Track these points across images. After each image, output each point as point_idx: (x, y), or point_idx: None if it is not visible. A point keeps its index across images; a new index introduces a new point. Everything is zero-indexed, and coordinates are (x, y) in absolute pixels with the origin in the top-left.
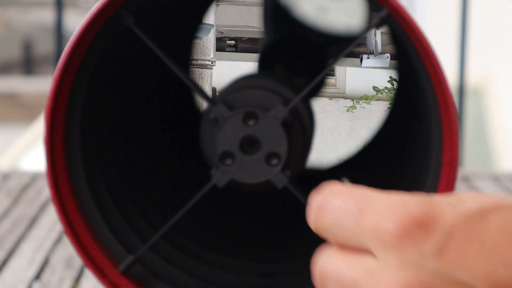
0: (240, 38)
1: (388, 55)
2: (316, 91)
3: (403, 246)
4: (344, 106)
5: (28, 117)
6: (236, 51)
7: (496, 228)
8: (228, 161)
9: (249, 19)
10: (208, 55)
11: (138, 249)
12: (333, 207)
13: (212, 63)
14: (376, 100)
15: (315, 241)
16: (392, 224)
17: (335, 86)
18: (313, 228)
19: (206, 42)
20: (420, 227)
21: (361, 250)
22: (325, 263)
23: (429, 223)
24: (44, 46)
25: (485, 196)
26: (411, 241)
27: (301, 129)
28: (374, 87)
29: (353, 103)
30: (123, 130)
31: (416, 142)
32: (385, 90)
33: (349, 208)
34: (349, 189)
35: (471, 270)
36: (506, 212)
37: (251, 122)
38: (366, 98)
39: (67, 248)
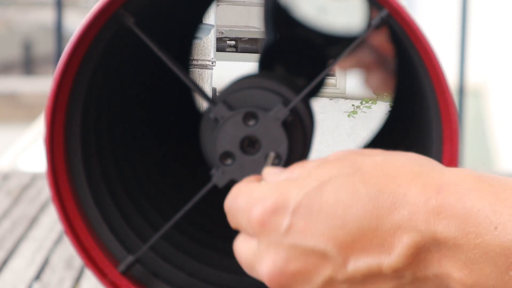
0: (240, 38)
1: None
2: (316, 91)
3: (266, 231)
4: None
5: (28, 117)
6: (237, 51)
7: (331, 197)
8: (229, 161)
9: (250, 19)
10: (209, 55)
11: (138, 249)
12: (231, 198)
13: (212, 63)
14: (376, 100)
15: None
16: (255, 216)
17: (335, 86)
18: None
19: (207, 42)
20: (274, 213)
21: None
22: (235, 245)
23: (280, 208)
24: (44, 46)
25: (330, 163)
26: (270, 226)
27: (302, 129)
28: None
29: (354, 107)
30: (123, 130)
31: (416, 142)
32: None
33: (239, 202)
34: (244, 183)
35: (315, 236)
36: (340, 180)
37: (251, 122)
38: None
39: (67, 248)
